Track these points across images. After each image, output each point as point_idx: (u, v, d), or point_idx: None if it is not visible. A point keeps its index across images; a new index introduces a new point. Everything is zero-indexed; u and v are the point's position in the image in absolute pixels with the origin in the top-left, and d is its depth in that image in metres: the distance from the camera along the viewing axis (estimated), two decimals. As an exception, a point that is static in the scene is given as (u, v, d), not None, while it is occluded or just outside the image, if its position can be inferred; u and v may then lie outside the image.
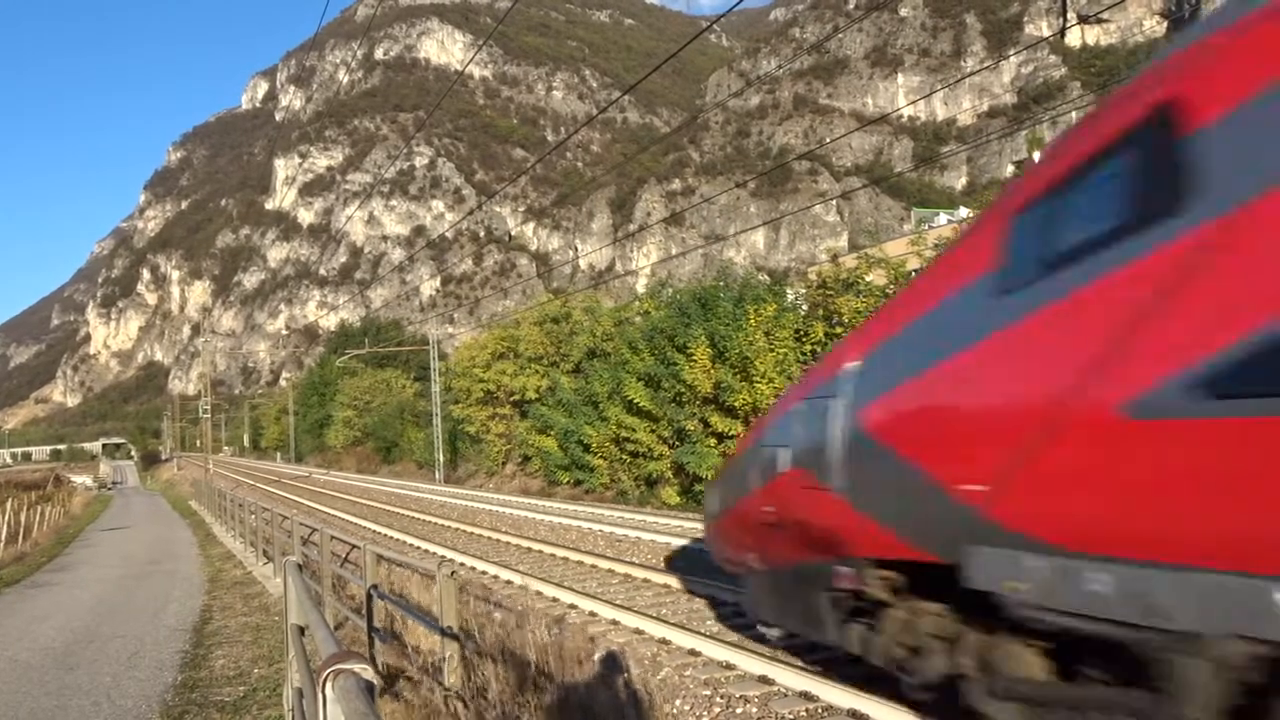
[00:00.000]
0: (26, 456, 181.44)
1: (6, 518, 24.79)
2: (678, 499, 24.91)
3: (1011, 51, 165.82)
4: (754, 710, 6.85)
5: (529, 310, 43.79)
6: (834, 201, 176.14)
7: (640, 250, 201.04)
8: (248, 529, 19.55)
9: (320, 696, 2.43)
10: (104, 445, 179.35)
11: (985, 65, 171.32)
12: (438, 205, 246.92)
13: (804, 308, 23.78)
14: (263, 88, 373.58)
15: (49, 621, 12.33)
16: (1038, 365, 4.26)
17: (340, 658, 2.49)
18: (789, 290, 26.41)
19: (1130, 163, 4.00)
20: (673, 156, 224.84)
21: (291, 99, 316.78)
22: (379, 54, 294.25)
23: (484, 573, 13.98)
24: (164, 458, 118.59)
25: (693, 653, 8.48)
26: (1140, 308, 3.69)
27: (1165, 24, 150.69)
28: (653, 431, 26.15)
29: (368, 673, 2.39)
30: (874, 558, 5.66)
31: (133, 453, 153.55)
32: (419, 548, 18.05)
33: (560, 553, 15.80)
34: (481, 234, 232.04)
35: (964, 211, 48.05)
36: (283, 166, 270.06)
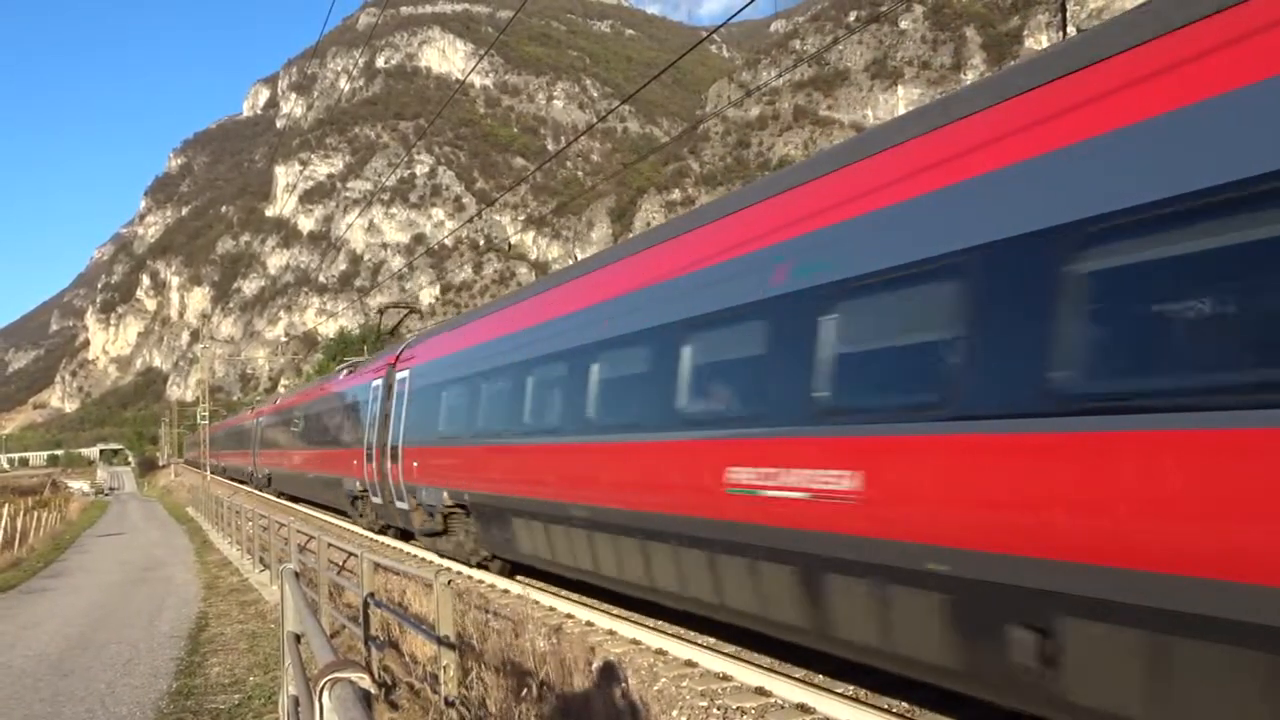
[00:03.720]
0: (24, 462, 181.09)
1: (3, 523, 24.73)
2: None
3: (1011, 65, 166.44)
4: (751, 721, 6.81)
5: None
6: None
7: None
8: (244, 536, 19.49)
9: (317, 705, 2.41)
10: (101, 451, 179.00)
11: (985, 78, 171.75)
12: (438, 213, 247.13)
13: None
14: (264, 95, 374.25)
15: (44, 627, 12.28)
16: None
17: (337, 666, 2.47)
18: None
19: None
20: (673, 166, 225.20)
21: (293, 106, 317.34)
22: (380, 62, 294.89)
23: (481, 580, 13.93)
24: (161, 464, 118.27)
25: (690, 663, 8.45)
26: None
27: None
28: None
29: (365, 681, 2.38)
30: None
31: (130, 459, 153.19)
32: (416, 555, 18.00)
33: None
34: (481, 242, 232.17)
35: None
36: (283, 173, 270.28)
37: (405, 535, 18.94)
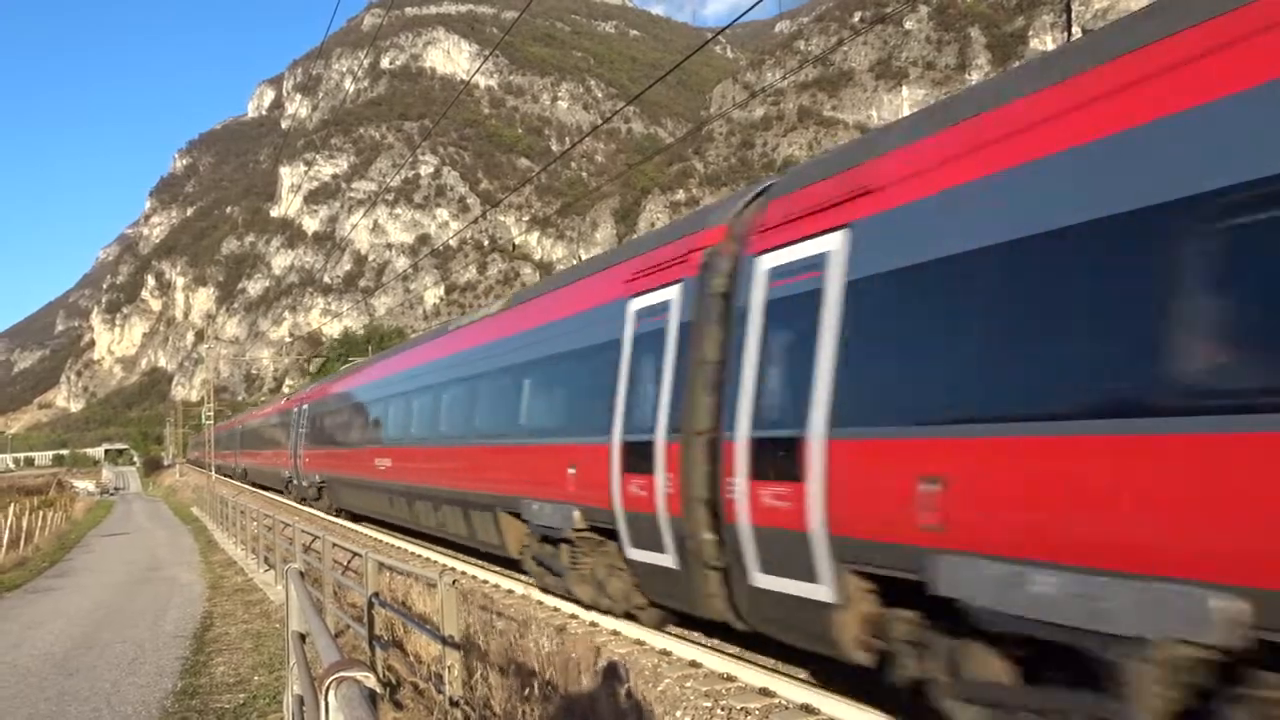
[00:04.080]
0: (29, 461, 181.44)
1: (9, 522, 24.79)
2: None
3: (1016, 65, 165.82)
4: (756, 722, 6.80)
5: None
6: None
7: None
8: (249, 536, 19.53)
9: (322, 704, 2.42)
10: (106, 451, 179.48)
11: (990, 79, 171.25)
12: (442, 214, 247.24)
13: None
14: (269, 96, 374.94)
15: (49, 627, 12.31)
16: None
17: (342, 665, 2.49)
18: None
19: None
20: (677, 167, 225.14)
21: (298, 107, 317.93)
22: (385, 63, 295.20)
23: (485, 581, 13.95)
24: (166, 464, 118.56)
25: (694, 664, 8.45)
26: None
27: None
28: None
29: (370, 681, 2.39)
30: None
31: (135, 458, 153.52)
32: (420, 555, 18.02)
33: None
34: (485, 243, 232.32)
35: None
36: (288, 174, 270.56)
37: (304, 501, 30.18)
